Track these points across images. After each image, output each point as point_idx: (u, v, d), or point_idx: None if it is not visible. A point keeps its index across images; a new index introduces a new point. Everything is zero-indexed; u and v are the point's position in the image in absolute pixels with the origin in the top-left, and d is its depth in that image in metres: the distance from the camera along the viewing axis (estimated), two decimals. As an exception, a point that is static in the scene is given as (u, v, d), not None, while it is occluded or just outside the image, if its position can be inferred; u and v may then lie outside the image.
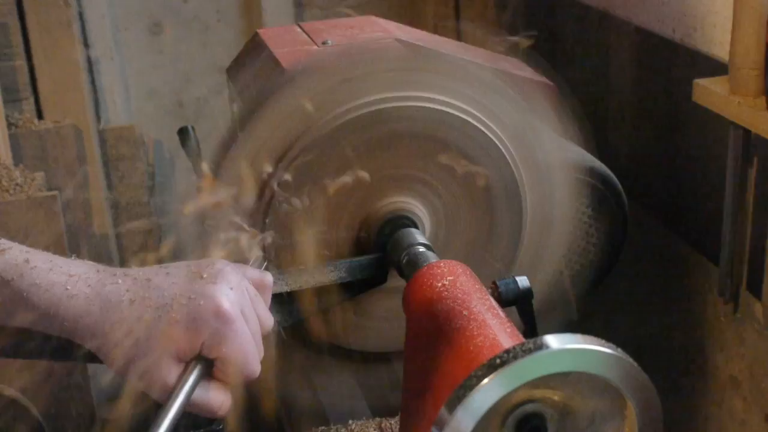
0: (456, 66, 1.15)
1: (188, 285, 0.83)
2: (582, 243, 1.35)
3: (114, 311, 0.81)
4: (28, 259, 0.84)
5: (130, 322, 0.81)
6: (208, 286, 0.83)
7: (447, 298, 0.91)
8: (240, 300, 0.84)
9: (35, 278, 0.82)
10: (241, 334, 0.83)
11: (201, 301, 0.81)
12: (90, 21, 2.74)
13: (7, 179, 2.03)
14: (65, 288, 0.82)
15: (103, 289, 0.82)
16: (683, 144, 1.70)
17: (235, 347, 0.82)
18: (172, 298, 0.82)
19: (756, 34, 1.37)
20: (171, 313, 0.81)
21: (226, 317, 0.82)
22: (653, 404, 0.79)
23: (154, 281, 0.83)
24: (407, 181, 1.14)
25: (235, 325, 0.82)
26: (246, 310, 0.85)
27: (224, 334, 0.82)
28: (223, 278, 0.84)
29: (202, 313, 0.81)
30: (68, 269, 0.84)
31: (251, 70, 1.30)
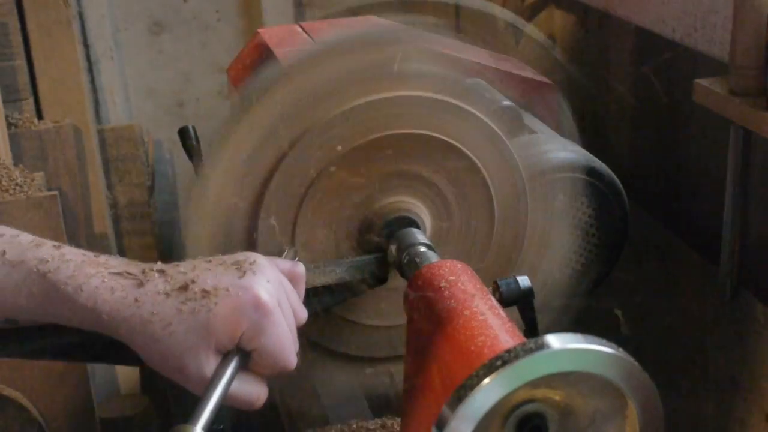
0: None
1: (226, 278, 0.83)
2: (582, 243, 1.35)
3: (152, 305, 0.81)
4: (64, 253, 0.84)
5: (168, 316, 0.81)
6: (247, 279, 0.83)
7: (448, 297, 0.91)
8: (277, 292, 0.85)
9: (72, 271, 0.83)
10: (279, 326, 0.83)
11: (240, 292, 0.82)
12: (90, 21, 2.74)
13: (7, 179, 2.03)
14: (102, 281, 0.82)
15: (140, 282, 0.82)
16: (683, 144, 1.70)
17: (273, 339, 0.83)
18: (210, 291, 0.82)
19: (756, 34, 1.37)
20: (209, 306, 0.81)
21: (265, 309, 0.82)
22: (654, 404, 0.79)
23: (190, 275, 0.83)
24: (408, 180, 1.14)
25: (273, 317, 0.83)
26: (282, 302, 0.85)
27: (263, 325, 0.82)
28: (260, 271, 0.85)
29: (242, 305, 0.81)
30: (104, 262, 0.84)
31: (252, 70, 1.30)
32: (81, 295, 0.81)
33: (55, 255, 0.84)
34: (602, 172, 1.35)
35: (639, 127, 1.87)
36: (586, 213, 1.34)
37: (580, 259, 1.36)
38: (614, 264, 1.40)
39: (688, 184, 1.71)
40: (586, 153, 1.37)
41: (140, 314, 0.81)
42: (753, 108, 1.38)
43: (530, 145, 1.33)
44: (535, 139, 1.37)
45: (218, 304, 0.81)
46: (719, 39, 1.55)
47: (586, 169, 1.33)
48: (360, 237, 1.14)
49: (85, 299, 0.81)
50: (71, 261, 0.84)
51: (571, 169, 1.31)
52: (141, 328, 0.81)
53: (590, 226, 1.34)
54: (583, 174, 1.32)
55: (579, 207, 1.32)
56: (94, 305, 0.81)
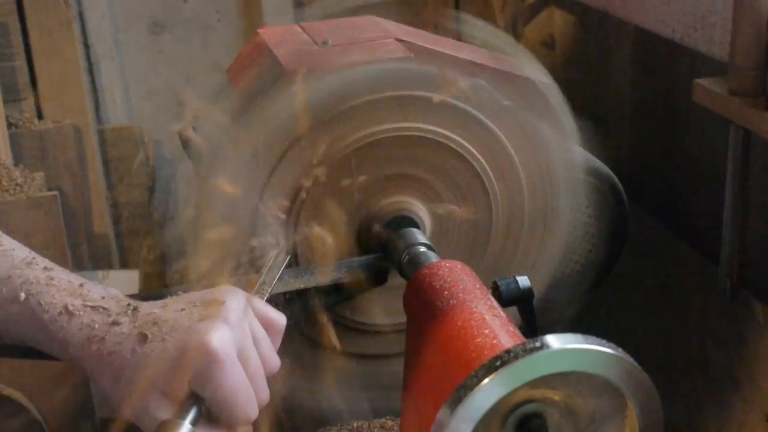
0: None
1: (185, 319, 0.80)
2: (582, 243, 1.35)
3: (112, 344, 0.80)
4: (51, 277, 0.84)
5: (124, 357, 0.79)
6: (203, 323, 0.80)
7: (447, 297, 0.91)
8: (238, 338, 0.80)
9: (52, 297, 0.82)
10: (232, 376, 0.79)
11: (190, 337, 0.79)
12: (90, 21, 2.74)
13: (7, 179, 2.03)
14: (77, 313, 0.81)
15: (111, 320, 0.81)
16: (683, 144, 1.70)
17: (224, 389, 0.79)
18: (166, 334, 0.80)
19: (756, 34, 1.37)
20: (160, 349, 0.79)
21: (213, 356, 0.78)
22: (654, 404, 0.79)
23: (155, 315, 0.82)
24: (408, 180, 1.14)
25: (223, 365, 0.78)
26: (245, 349, 0.81)
27: (211, 374, 0.78)
28: (224, 314, 0.81)
29: (189, 350, 0.78)
30: (86, 293, 0.84)
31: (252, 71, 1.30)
32: (54, 324, 0.81)
33: (41, 278, 0.84)
34: (602, 172, 1.35)
35: (639, 127, 1.87)
36: (586, 213, 1.34)
37: (580, 259, 1.35)
38: (614, 264, 1.40)
39: (688, 184, 1.71)
40: (586, 153, 1.36)
41: (101, 353, 0.80)
42: (753, 108, 1.38)
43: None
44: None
45: (167, 349, 0.79)
46: (719, 39, 1.55)
47: (586, 169, 1.33)
48: (360, 237, 1.14)
49: (56, 329, 0.81)
50: (54, 287, 0.83)
51: (572, 169, 1.31)
52: (102, 366, 0.80)
53: (590, 226, 1.34)
54: (584, 174, 1.32)
55: (579, 207, 1.32)
56: (63, 337, 0.81)
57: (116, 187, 2.78)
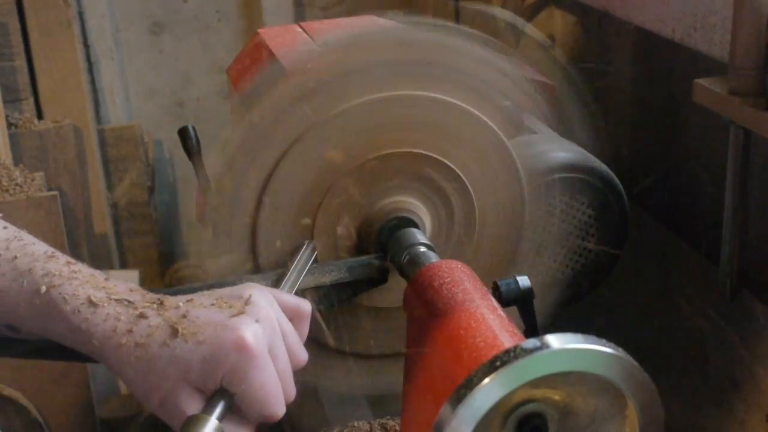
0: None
1: (216, 315, 0.81)
2: (582, 243, 1.35)
3: (140, 337, 0.80)
4: (73, 270, 0.84)
5: (153, 350, 0.79)
6: (234, 318, 0.80)
7: (447, 297, 0.91)
8: (268, 334, 0.81)
9: (75, 290, 0.82)
10: (264, 372, 0.80)
11: (224, 333, 0.79)
12: (90, 21, 2.74)
13: (7, 179, 2.03)
14: (101, 305, 0.81)
15: (137, 313, 0.81)
16: (683, 144, 1.70)
17: (256, 385, 0.79)
18: (197, 328, 0.80)
19: (756, 34, 1.37)
20: (193, 344, 0.79)
21: (248, 352, 0.78)
22: (654, 404, 0.79)
23: (183, 309, 0.81)
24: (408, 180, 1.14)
25: (257, 361, 0.79)
26: (275, 346, 0.82)
27: (245, 369, 0.78)
28: (253, 310, 0.81)
29: (224, 346, 0.78)
30: (110, 286, 0.83)
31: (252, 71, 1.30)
32: (77, 316, 0.81)
33: (63, 271, 0.83)
34: (602, 172, 1.35)
35: (639, 127, 1.87)
36: (586, 213, 1.34)
37: (579, 259, 1.36)
38: (614, 264, 1.40)
39: (687, 184, 1.71)
40: (586, 153, 1.37)
41: (127, 346, 0.80)
42: (753, 108, 1.38)
43: (530, 145, 1.33)
44: (534, 139, 1.37)
45: (201, 343, 0.79)
46: (719, 39, 1.55)
47: (586, 169, 1.33)
48: (360, 237, 1.14)
49: (80, 321, 0.81)
50: (76, 280, 0.83)
51: (571, 169, 1.31)
52: (127, 359, 0.80)
53: (590, 226, 1.34)
54: (583, 174, 1.32)
55: (579, 207, 1.32)
56: (87, 328, 0.80)
57: (116, 187, 2.78)
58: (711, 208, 1.58)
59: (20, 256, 0.84)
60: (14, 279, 0.83)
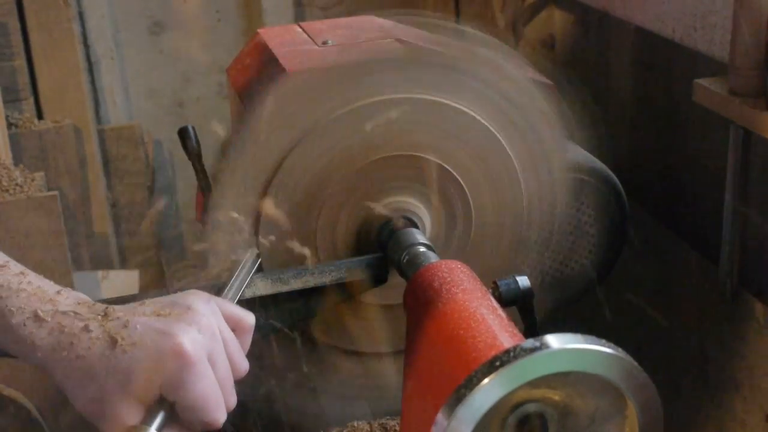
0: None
1: (154, 323, 0.80)
2: (582, 243, 1.35)
3: (81, 349, 0.79)
4: (22, 282, 0.83)
5: (93, 361, 0.79)
6: (174, 325, 0.80)
7: (447, 297, 0.91)
8: (207, 342, 0.81)
9: (23, 302, 0.82)
10: (203, 379, 0.79)
11: (163, 340, 0.79)
12: (90, 21, 2.74)
13: (7, 179, 2.03)
14: (46, 319, 0.81)
15: (82, 325, 0.81)
16: (683, 144, 1.70)
17: (194, 392, 0.79)
18: (137, 337, 0.79)
19: (756, 34, 1.37)
20: (132, 353, 0.79)
21: (186, 359, 0.78)
22: (654, 404, 0.79)
23: (124, 319, 0.81)
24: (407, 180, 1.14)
25: (195, 368, 0.79)
26: (215, 353, 0.82)
27: (182, 377, 0.78)
28: (192, 317, 0.81)
29: (161, 354, 0.78)
30: (58, 299, 0.83)
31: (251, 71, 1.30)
32: (23, 329, 0.80)
33: (12, 282, 0.83)
34: (602, 172, 1.35)
35: (639, 127, 1.87)
36: (586, 213, 1.34)
37: (579, 259, 1.35)
38: (614, 264, 1.40)
39: (688, 184, 1.71)
40: (586, 153, 1.37)
41: (69, 358, 0.79)
42: (753, 108, 1.38)
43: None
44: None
45: (139, 352, 0.79)
46: (719, 39, 1.55)
47: (586, 169, 1.33)
48: (360, 237, 1.14)
49: (25, 334, 0.80)
50: (24, 292, 0.82)
51: (571, 169, 1.31)
52: (68, 371, 0.80)
53: (590, 226, 1.34)
54: (584, 174, 1.32)
55: (579, 207, 1.32)
56: (32, 341, 0.80)
57: (116, 187, 2.78)
58: (711, 208, 1.58)
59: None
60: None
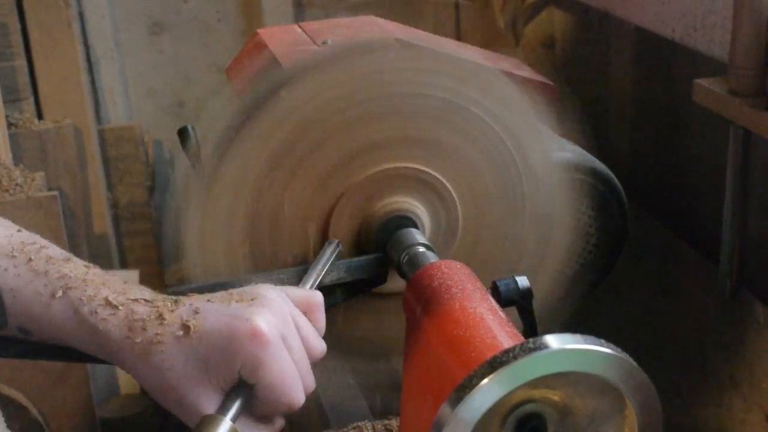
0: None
1: (227, 309, 0.81)
2: (582, 243, 1.35)
3: (154, 335, 0.80)
4: (88, 272, 0.84)
5: (168, 347, 0.79)
6: (246, 309, 0.81)
7: (446, 298, 0.91)
8: (281, 325, 0.82)
9: (92, 291, 0.82)
10: (281, 360, 0.80)
11: (237, 324, 0.79)
12: (90, 21, 2.74)
13: (7, 179, 2.03)
14: (117, 307, 0.81)
15: (153, 312, 0.81)
16: (683, 144, 1.70)
17: (273, 373, 0.80)
18: (210, 323, 0.80)
19: (756, 34, 1.37)
20: (208, 338, 0.79)
21: (263, 340, 0.79)
22: (653, 404, 0.79)
23: (194, 305, 0.82)
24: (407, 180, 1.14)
25: (272, 349, 0.79)
26: (289, 336, 0.82)
27: (261, 357, 0.79)
28: (263, 303, 0.82)
29: (238, 336, 0.79)
30: (124, 289, 0.84)
31: (251, 71, 1.30)
32: (94, 317, 0.81)
33: (80, 273, 0.84)
34: (602, 172, 1.35)
35: (639, 127, 1.87)
36: (586, 213, 1.34)
37: (579, 259, 1.35)
38: (614, 264, 1.40)
39: (688, 184, 1.71)
40: (586, 153, 1.36)
41: (142, 344, 0.80)
42: (753, 108, 1.38)
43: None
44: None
45: (216, 337, 0.79)
46: (719, 39, 1.55)
47: (586, 169, 1.32)
48: (360, 237, 1.14)
49: (96, 321, 0.81)
50: (93, 282, 0.83)
51: (571, 169, 1.31)
52: (142, 357, 0.80)
53: (590, 226, 1.34)
54: (583, 174, 1.32)
55: (579, 207, 1.32)
56: (104, 329, 0.81)
57: (116, 187, 2.78)
58: (711, 208, 1.58)
59: (35, 258, 0.84)
60: (30, 281, 0.83)
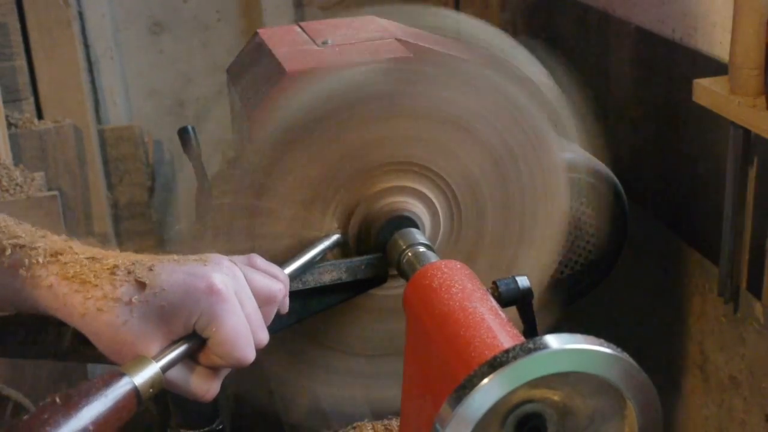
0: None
1: (181, 267, 0.83)
2: (582, 243, 1.35)
3: (110, 290, 0.80)
4: (43, 235, 0.86)
5: (123, 303, 0.80)
6: (200, 267, 0.83)
7: (446, 297, 0.91)
8: (234, 283, 0.84)
9: (43, 248, 0.83)
10: (235, 315, 0.82)
11: (194, 279, 0.82)
12: (90, 21, 2.74)
13: (7, 179, 2.03)
14: (68, 263, 0.82)
15: (106, 269, 0.82)
16: (683, 144, 1.70)
17: (228, 327, 0.82)
18: (166, 279, 0.81)
19: (756, 34, 1.37)
20: (164, 293, 0.81)
21: (219, 295, 0.81)
22: (653, 404, 0.79)
23: (149, 263, 0.83)
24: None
25: (227, 304, 0.82)
26: (242, 292, 0.85)
27: (216, 312, 0.81)
28: (214, 262, 0.84)
29: (195, 290, 0.81)
30: (79, 249, 0.85)
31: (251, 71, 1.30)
32: (44, 270, 0.81)
33: (35, 234, 0.86)
34: (602, 172, 1.35)
35: (639, 127, 1.87)
36: (586, 213, 1.34)
37: (579, 259, 1.35)
38: (614, 264, 1.40)
39: (687, 184, 1.71)
40: (586, 153, 1.37)
41: (93, 301, 0.80)
42: (753, 108, 1.38)
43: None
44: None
45: (172, 292, 0.81)
46: (719, 39, 1.56)
47: (586, 169, 1.33)
48: (360, 237, 1.14)
49: (45, 275, 0.81)
50: (45, 240, 0.84)
51: (571, 169, 1.31)
52: (94, 314, 0.80)
53: (590, 226, 1.34)
54: (583, 174, 1.32)
55: (579, 207, 1.32)
56: (53, 284, 0.81)
57: (116, 187, 2.78)
58: (711, 208, 1.58)
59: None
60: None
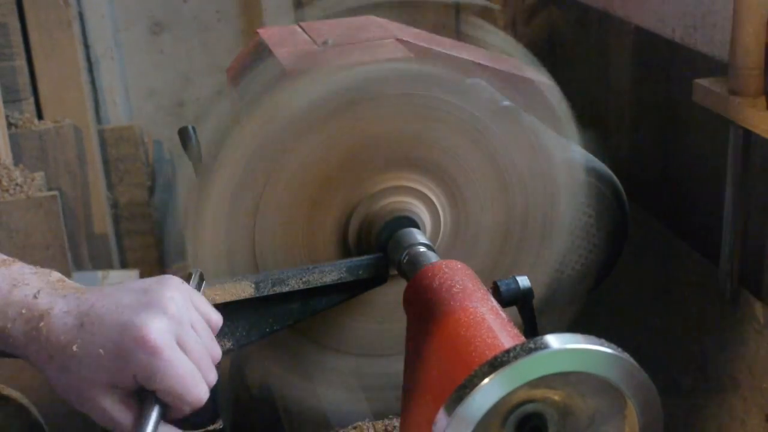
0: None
1: (123, 313, 0.80)
2: (582, 243, 1.35)
3: (56, 335, 0.79)
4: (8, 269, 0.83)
5: (65, 347, 0.79)
6: (140, 315, 0.79)
7: (447, 297, 0.91)
8: (175, 327, 0.81)
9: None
10: (175, 364, 0.79)
11: (127, 332, 0.78)
12: (90, 21, 2.74)
13: (7, 179, 2.03)
14: (24, 307, 0.80)
15: (51, 311, 0.80)
16: (683, 144, 1.70)
17: (170, 379, 0.79)
18: (105, 326, 0.79)
19: (756, 34, 1.37)
20: (102, 342, 0.78)
21: (153, 348, 0.78)
22: (653, 404, 0.79)
23: (96, 306, 0.81)
24: None
25: (164, 355, 0.78)
26: (185, 335, 0.81)
27: (154, 366, 0.78)
28: (159, 305, 0.81)
29: (128, 344, 0.78)
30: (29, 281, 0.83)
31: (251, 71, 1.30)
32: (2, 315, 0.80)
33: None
34: (602, 172, 1.35)
35: (639, 127, 1.87)
36: (586, 213, 1.34)
37: (580, 259, 1.35)
38: (614, 264, 1.40)
39: (688, 185, 1.71)
40: (586, 153, 1.36)
41: (46, 347, 0.79)
42: (753, 108, 1.38)
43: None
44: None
45: (108, 343, 0.78)
46: (719, 39, 1.56)
47: (586, 170, 1.33)
48: (360, 237, 1.14)
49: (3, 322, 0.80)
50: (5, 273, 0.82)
51: (571, 169, 1.31)
52: (45, 358, 0.79)
53: (590, 226, 1.34)
54: (583, 174, 1.32)
55: (579, 207, 1.32)
56: (9, 332, 0.80)
57: (116, 187, 2.78)
58: (711, 208, 1.58)
59: None
60: None
